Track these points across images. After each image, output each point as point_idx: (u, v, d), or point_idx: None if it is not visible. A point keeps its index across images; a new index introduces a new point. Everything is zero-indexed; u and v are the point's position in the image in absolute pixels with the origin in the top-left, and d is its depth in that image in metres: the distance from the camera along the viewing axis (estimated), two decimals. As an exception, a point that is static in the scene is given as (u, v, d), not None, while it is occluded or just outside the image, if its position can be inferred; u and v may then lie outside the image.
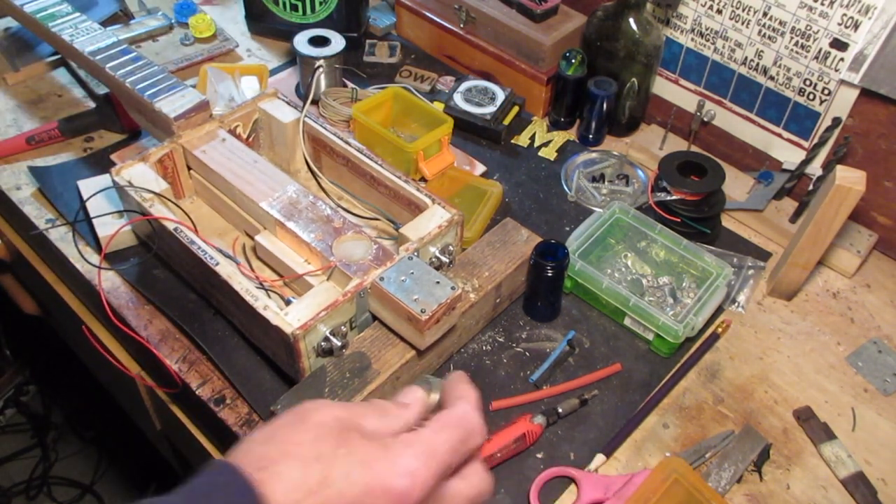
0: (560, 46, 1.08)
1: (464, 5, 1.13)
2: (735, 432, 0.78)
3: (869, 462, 0.76)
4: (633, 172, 1.05)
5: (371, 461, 0.39)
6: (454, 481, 0.42)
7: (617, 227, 0.92)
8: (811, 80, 0.93)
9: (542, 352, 0.83)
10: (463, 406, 0.44)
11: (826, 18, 0.87)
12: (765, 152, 1.03)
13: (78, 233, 0.91)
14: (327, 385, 0.70)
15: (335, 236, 0.78)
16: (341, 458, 0.39)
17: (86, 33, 0.94)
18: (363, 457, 0.39)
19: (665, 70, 1.08)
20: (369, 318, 0.76)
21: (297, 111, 0.93)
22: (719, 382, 0.82)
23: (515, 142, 1.09)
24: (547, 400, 0.79)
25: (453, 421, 0.43)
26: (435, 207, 0.81)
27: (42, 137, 1.02)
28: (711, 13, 0.98)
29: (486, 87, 1.10)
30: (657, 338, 0.83)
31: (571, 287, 0.89)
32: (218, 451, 0.86)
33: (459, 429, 0.43)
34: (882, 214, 0.95)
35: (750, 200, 0.99)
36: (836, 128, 0.92)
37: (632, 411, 0.79)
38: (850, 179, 0.77)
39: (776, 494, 0.74)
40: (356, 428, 0.41)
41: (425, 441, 0.41)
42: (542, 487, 0.72)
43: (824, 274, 0.95)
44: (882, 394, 0.82)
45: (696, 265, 0.88)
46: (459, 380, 0.47)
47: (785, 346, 0.87)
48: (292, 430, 0.40)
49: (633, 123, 1.12)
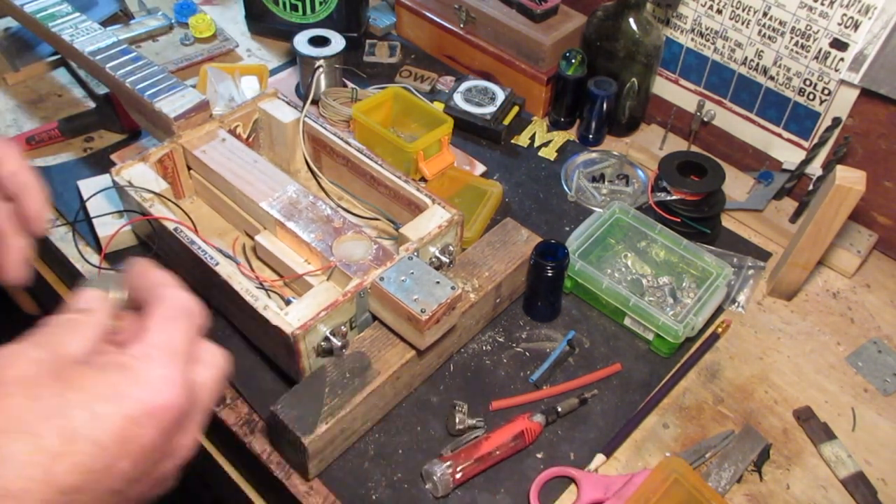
0: (560, 46, 1.08)
1: (464, 5, 1.13)
2: (735, 432, 0.78)
3: (869, 462, 0.76)
4: (633, 172, 1.05)
5: (115, 389, 0.33)
6: (198, 369, 0.38)
7: (617, 227, 0.92)
8: (811, 80, 0.93)
9: (542, 352, 0.83)
10: (171, 292, 0.39)
11: (826, 18, 0.87)
12: (765, 152, 1.03)
13: (78, 233, 0.91)
14: (327, 385, 0.70)
15: (335, 236, 0.78)
16: (75, 401, 0.32)
17: (86, 33, 0.94)
18: (101, 389, 0.33)
19: (665, 70, 1.08)
20: (369, 318, 0.76)
21: (297, 111, 0.93)
22: (719, 382, 0.82)
23: (515, 142, 1.09)
24: (547, 400, 0.79)
25: (173, 311, 0.38)
26: (435, 207, 0.81)
27: (42, 137, 1.02)
28: (711, 13, 0.98)
29: (486, 87, 1.10)
30: (657, 338, 0.83)
31: (571, 287, 0.89)
32: (218, 452, 0.86)
33: (183, 315, 0.38)
34: (882, 214, 0.95)
35: (750, 200, 0.99)
36: (836, 128, 0.92)
37: (632, 411, 0.78)
38: (850, 179, 0.77)
39: (776, 494, 0.74)
40: (64, 361, 0.34)
41: (160, 344, 0.36)
42: (542, 487, 0.72)
43: (824, 274, 0.95)
44: (882, 394, 0.82)
45: (696, 265, 0.88)
46: (144, 268, 0.41)
47: (785, 346, 0.87)
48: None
49: (633, 123, 1.12)
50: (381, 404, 0.75)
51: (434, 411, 0.77)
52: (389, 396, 0.75)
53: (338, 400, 0.69)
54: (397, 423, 0.76)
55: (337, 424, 0.69)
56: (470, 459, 0.71)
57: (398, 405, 0.78)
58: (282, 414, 0.68)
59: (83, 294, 0.41)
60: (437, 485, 0.70)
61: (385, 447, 0.75)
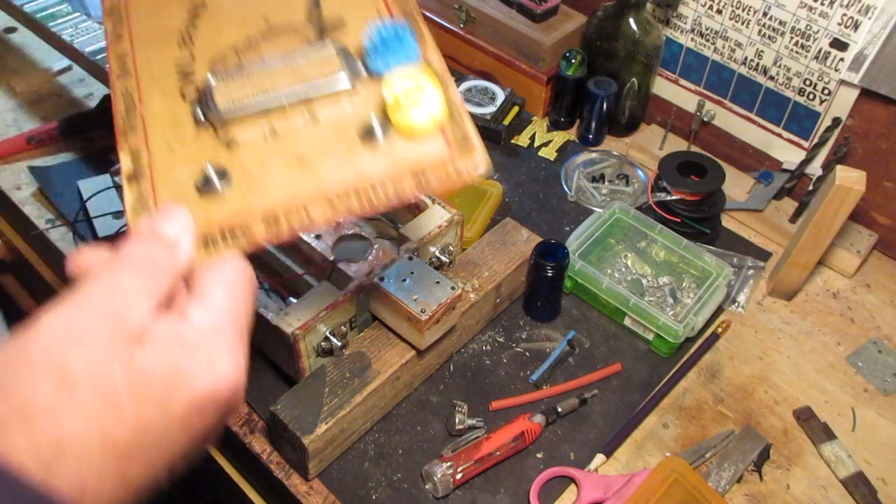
0: (560, 46, 1.08)
1: (464, 5, 1.13)
2: (735, 432, 0.77)
3: (869, 462, 0.76)
4: (633, 172, 1.05)
5: (180, 377, 0.30)
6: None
7: (617, 227, 0.92)
8: (811, 80, 0.93)
9: (542, 352, 0.83)
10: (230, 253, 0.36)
11: (826, 18, 0.87)
12: (765, 152, 1.03)
13: (78, 233, 0.91)
14: (327, 385, 0.70)
15: (335, 236, 0.78)
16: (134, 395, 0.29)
17: (86, 33, 0.94)
18: (164, 377, 0.30)
19: (665, 70, 1.08)
20: (369, 318, 0.76)
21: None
22: (719, 382, 0.82)
23: (515, 142, 1.09)
24: (547, 400, 0.79)
25: (235, 274, 0.35)
26: (435, 207, 0.81)
27: (42, 137, 1.02)
28: (711, 13, 0.98)
29: (486, 87, 1.10)
30: (657, 338, 0.83)
31: (571, 287, 0.89)
32: (218, 452, 0.86)
33: (249, 283, 0.35)
34: (882, 214, 0.95)
35: (750, 200, 0.99)
36: (836, 128, 0.92)
37: (632, 411, 0.78)
38: (850, 179, 0.77)
39: (776, 494, 0.74)
40: (125, 337, 0.30)
41: (228, 316, 0.33)
42: (542, 487, 0.72)
43: (824, 274, 0.95)
44: (882, 394, 0.82)
45: (696, 265, 0.88)
46: None
47: (785, 346, 0.87)
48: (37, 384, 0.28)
49: (633, 123, 1.12)
50: (381, 404, 0.75)
51: (434, 411, 0.77)
52: (389, 396, 0.75)
53: (338, 400, 0.69)
54: (397, 423, 0.76)
55: (337, 424, 0.69)
56: (470, 460, 0.71)
57: (398, 405, 0.78)
58: (282, 414, 0.68)
59: (173, 214, 0.36)
60: (438, 485, 0.70)
61: (385, 447, 0.75)
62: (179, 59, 0.47)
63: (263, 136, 0.42)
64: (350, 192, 0.39)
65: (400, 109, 0.40)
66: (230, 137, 0.42)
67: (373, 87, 0.43)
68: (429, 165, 0.39)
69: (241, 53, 0.47)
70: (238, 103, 0.42)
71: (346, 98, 0.43)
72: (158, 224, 0.35)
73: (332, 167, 0.40)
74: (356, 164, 0.40)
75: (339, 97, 0.43)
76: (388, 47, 0.43)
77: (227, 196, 0.39)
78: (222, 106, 0.42)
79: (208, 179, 0.39)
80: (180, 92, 0.45)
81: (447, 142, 0.40)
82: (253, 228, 0.38)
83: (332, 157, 0.41)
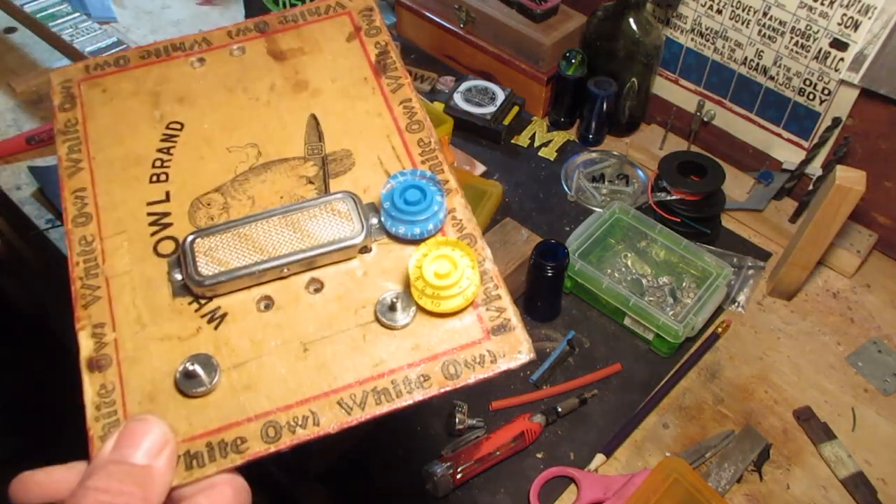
0: (560, 46, 1.08)
1: (464, 5, 1.13)
2: (735, 432, 0.77)
3: (869, 462, 0.76)
4: (633, 172, 1.05)
5: None
6: None
7: (617, 227, 0.92)
8: (811, 80, 0.93)
9: (542, 352, 0.83)
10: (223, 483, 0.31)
11: (826, 18, 0.87)
12: (765, 152, 1.03)
13: (78, 233, 0.90)
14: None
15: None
16: None
17: (86, 33, 0.94)
18: None
19: (665, 70, 1.08)
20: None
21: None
22: (719, 382, 0.82)
23: (515, 142, 1.09)
24: (547, 400, 0.79)
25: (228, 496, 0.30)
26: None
27: (42, 137, 1.02)
28: (711, 13, 0.98)
29: (486, 87, 1.10)
30: (657, 338, 0.83)
31: (571, 287, 0.89)
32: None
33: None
34: (882, 214, 0.95)
35: (750, 200, 0.99)
36: (836, 128, 0.92)
37: (632, 411, 0.78)
38: (850, 179, 0.77)
39: (776, 494, 0.74)
40: None
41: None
42: (542, 487, 0.72)
43: (824, 274, 0.95)
44: (882, 394, 0.82)
45: (696, 265, 0.88)
46: None
47: (785, 346, 0.87)
48: None
49: (633, 123, 1.12)
50: (381, 404, 0.74)
51: (434, 411, 0.77)
52: (389, 396, 0.75)
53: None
54: (397, 423, 0.76)
55: (337, 424, 0.68)
56: (470, 460, 0.71)
57: (398, 405, 0.78)
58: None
59: (144, 430, 0.29)
60: (438, 485, 0.70)
61: (385, 447, 0.74)
62: (152, 198, 0.39)
63: (258, 311, 0.35)
64: (367, 389, 0.33)
65: (427, 288, 0.33)
66: (216, 311, 0.35)
67: (391, 252, 0.37)
68: (459, 351, 0.33)
69: (227, 195, 0.38)
70: (226, 268, 0.35)
71: (358, 265, 0.36)
72: (125, 449, 0.29)
73: (344, 355, 0.34)
74: (372, 351, 0.34)
75: (351, 263, 0.36)
76: (411, 208, 0.36)
77: (215, 394, 0.33)
78: (206, 270, 0.35)
79: (190, 373, 0.33)
80: (153, 246, 0.37)
81: (481, 321, 0.34)
82: (248, 440, 0.32)
83: (343, 341, 0.34)
